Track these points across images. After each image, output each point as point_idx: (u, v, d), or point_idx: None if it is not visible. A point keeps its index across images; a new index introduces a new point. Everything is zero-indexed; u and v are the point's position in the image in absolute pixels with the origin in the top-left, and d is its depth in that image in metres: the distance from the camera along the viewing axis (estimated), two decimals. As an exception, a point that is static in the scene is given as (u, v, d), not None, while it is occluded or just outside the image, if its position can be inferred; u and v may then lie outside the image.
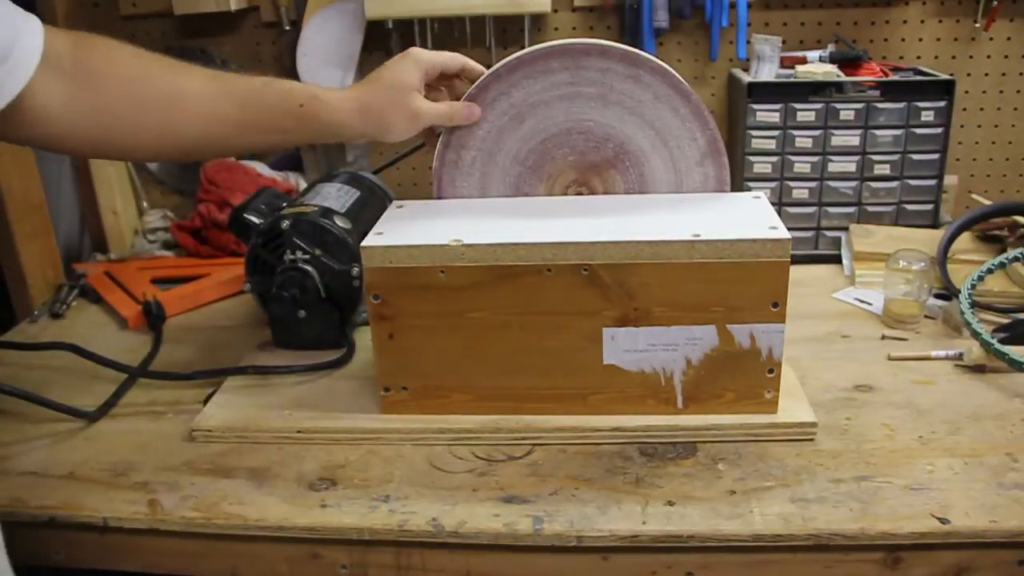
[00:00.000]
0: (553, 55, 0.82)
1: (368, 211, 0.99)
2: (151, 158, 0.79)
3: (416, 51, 0.81)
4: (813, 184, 1.18)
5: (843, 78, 1.15)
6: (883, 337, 0.98)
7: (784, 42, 1.19)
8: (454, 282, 0.77)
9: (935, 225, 1.19)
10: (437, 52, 0.82)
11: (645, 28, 1.26)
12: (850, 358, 0.93)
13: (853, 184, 1.18)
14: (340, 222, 0.96)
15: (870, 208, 1.19)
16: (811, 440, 0.78)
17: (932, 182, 1.17)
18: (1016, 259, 0.98)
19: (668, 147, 0.85)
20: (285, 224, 0.94)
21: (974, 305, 0.94)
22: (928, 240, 1.11)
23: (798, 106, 1.15)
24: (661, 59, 0.84)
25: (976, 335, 0.88)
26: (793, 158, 1.17)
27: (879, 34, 1.29)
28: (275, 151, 0.92)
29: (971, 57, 1.29)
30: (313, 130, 0.78)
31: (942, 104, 1.14)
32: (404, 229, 0.80)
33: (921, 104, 1.14)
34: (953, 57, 1.29)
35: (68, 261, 1.29)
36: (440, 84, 0.86)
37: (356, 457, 0.79)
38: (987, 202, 1.17)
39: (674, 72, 0.82)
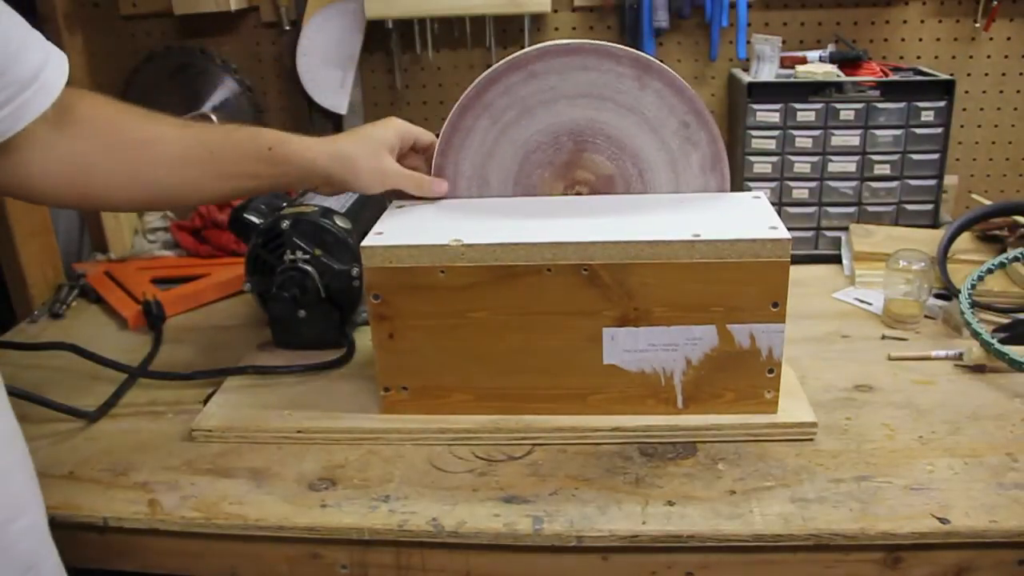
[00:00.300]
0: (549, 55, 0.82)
1: (368, 211, 0.99)
2: (124, 206, 0.81)
3: (396, 119, 0.85)
4: (813, 184, 1.18)
5: (843, 78, 1.15)
6: (883, 337, 0.98)
7: (784, 42, 1.20)
8: (454, 282, 0.77)
9: (935, 225, 1.19)
10: (414, 127, 0.86)
11: (645, 28, 1.26)
12: (850, 358, 0.93)
13: (853, 184, 1.18)
14: (340, 222, 0.96)
15: (870, 208, 1.19)
16: (811, 440, 0.78)
17: (932, 182, 1.17)
18: (1016, 259, 0.98)
19: (664, 144, 0.85)
20: (285, 224, 0.94)
21: (974, 305, 0.94)
22: (928, 240, 1.11)
23: (798, 106, 1.15)
24: (661, 59, 0.84)
25: (976, 335, 0.88)
26: (793, 158, 1.17)
27: (879, 34, 1.29)
28: (246, 196, 0.94)
29: (971, 57, 1.29)
30: (283, 173, 0.79)
31: (942, 104, 1.14)
32: (404, 229, 0.80)
33: (921, 104, 1.14)
34: (953, 57, 1.29)
35: (68, 261, 1.29)
36: (417, 154, 0.88)
37: (356, 457, 0.79)
38: (987, 202, 1.17)
39: (674, 72, 0.82)
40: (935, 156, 1.16)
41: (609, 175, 0.87)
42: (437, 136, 0.87)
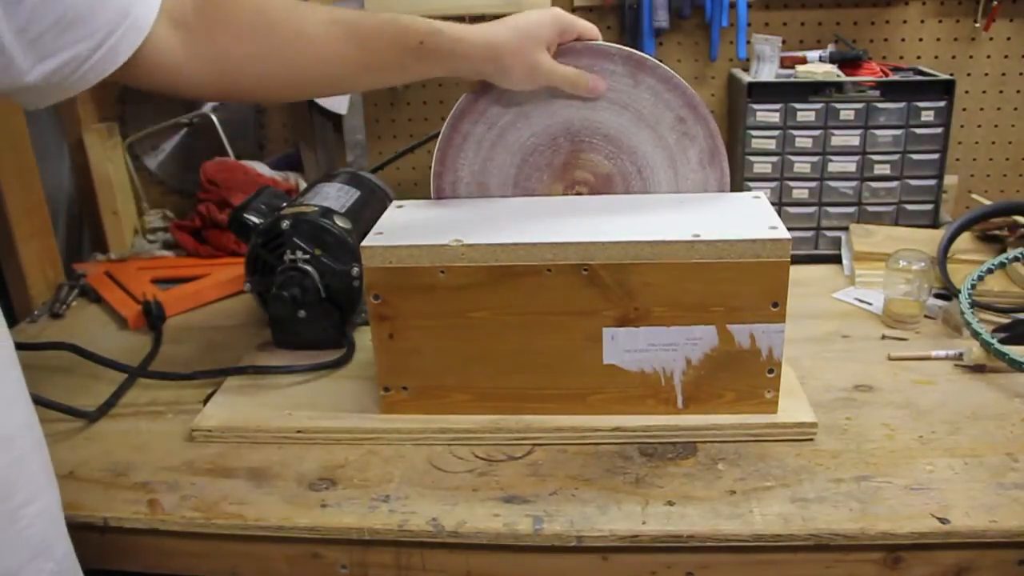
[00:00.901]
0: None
1: (368, 211, 0.99)
2: (274, 101, 0.80)
3: (558, 10, 0.80)
4: (813, 184, 1.18)
5: (843, 78, 1.15)
6: (883, 337, 0.98)
7: (784, 42, 1.20)
8: (454, 282, 0.77)
9: (935, 225, 1.19)
10: (578, 18, 0.82)
11: (645, 28, 1.26)
12: (850, 358, 0.93)
13: (853, 184, 1.18)
14: (340, 222, 0.96)
15: (870, 208, 1.19)
16: (811, 440, 0.78)
17: (932, 182, 1.17)
18: (1016, 259, 0.98)
19: (662, 139, 0.85)
20: (285, 224, 0.94)
21: (974, 305, 0.94)
22: (928, 240, 1.11)
23: (798, 106, 1.15)
24: (661, 59, 0.84)
25: (976, 335, 0.88)
26: (793, 158, 1.17)
27: (879, 34, 1.29)
28: (395, 85, 0.93)
29: (971, 57, 1.29)
30: (432, 65, 0.77)
31: (942, 104, 1.14)
32: (404, 229, 0.80)
33: (921, 104, 1.14)
34: (953, 57, 1.29)
35: (68, 261, 1.29)
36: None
37: (356, 457, 0.79)
38: (987, 202, 1.17)
39: (674, 73, 0.82)
40: (935, 156, 1.16)
41: (608, 174, 0.87)
42: None
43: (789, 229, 0.75)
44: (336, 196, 1.01)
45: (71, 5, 0.58)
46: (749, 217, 0.79)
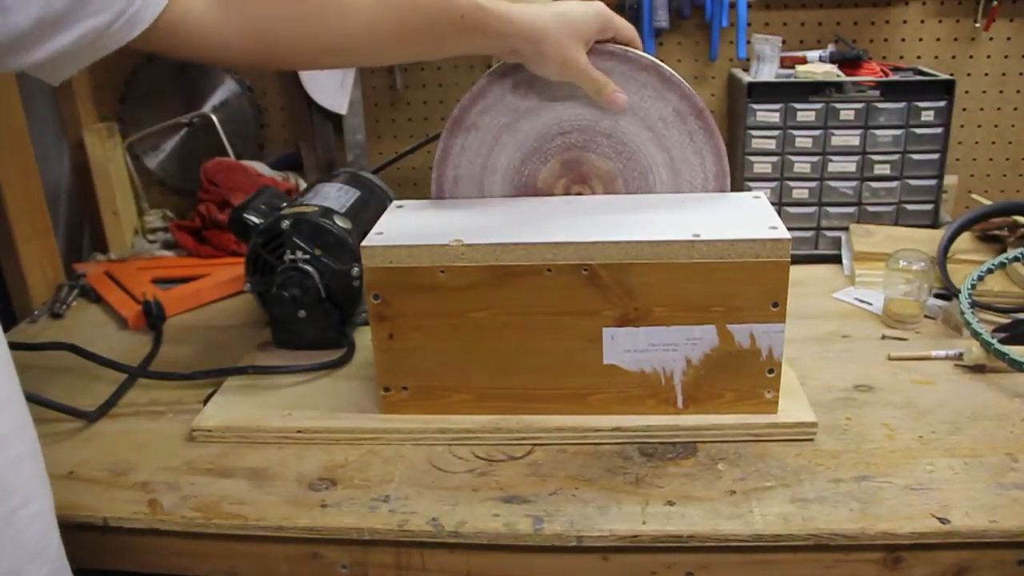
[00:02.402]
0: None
1: (368, 211, 0.99)
2: (307, 67, 0.78)
3: (601, 4, 0.79)
4: (813, 184, 1.18)
5: (843, 78, 1.15)
6: (883, 337, 0.98)
7: (784, 42, 1.20)
8: (454, 282, 0.77)
9: (935, 225, 1.19)
10: (618, 17, 0.81)
11: (645, 28, 1.26)
12: (850, 358, 0.93)
13: (853, 184, 1.18)
14: (340, 222, 0.95)
15: (870, 208, 1.19)
16: (811, 440, 0.78)
17: (932, 182, 1.17)
18: (1016, 259, 0.98)
19: (657, 134, 0.85)
20: (285, 224, 0.94)
21: (974, 305, 0.94)
22: (928, 240, 1.11)
23: (798, 106, 1.15)
24: (661, 59, 0.84)
25: (976, 335, 0.88)
26: (793, 158, 1.17)
27: (879, 34, 1.29)
28: (432, 58, 0.92)
29: (971, 57, 1.29)
30: (472, 40, 0.76)
31: (942, 104, 1.14)
32: (404, 229, 0.80)
33: (921, 104, 1.14)
34: (953, 57, 1.29)
35: (68, 261, 1.29)
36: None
37: (356, 457, 0.79)
38: (987, 202, 1.17)
39: (678, 75, 0.82)
40: (935, 156, 1.16)
41: (606, 172, 0.87)
42: None
43: (789, 229, 0.75)
44: (336, 196, 1.01)
45: None
46: (749, 217, 0.79)
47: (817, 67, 1.17)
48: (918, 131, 1.15)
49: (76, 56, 0.60)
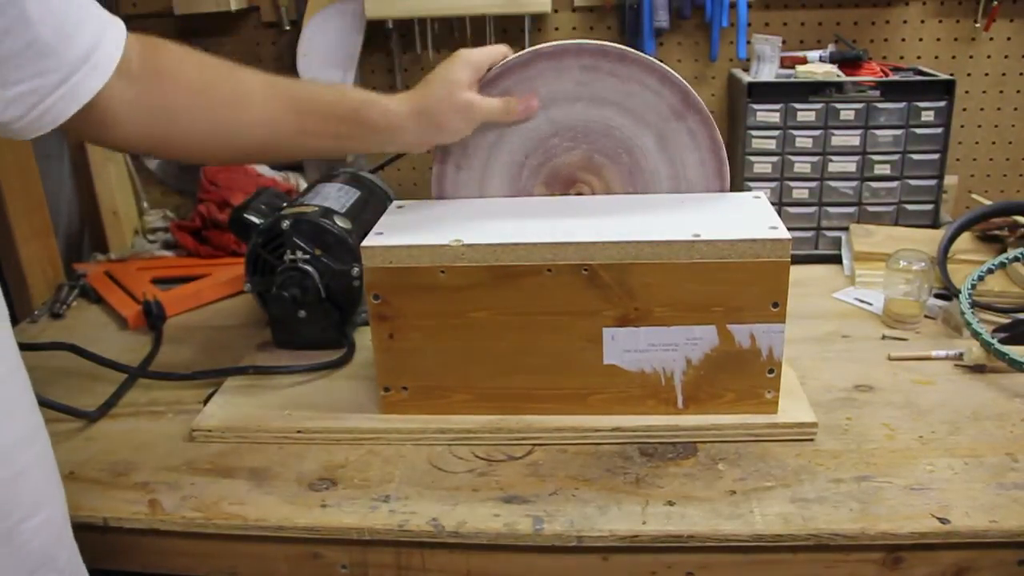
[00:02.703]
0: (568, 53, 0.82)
1: (368, 211, 0.99)
2: (207, 160, 0.80)
3: (464, 51, 0.81)
4: (813, 184, 1.18)
5: (843, 78, 1.15)
6: (883, 337, 0.98)
7: (784, 42, 1.19)
8: (454, 282, 0.77)
9: (935, 225, 1.19)
10: (482, 48, 0.82)
11: (645, 28, 1.26)
12: (850, 358, 0.93)
13: (853, 184, 1.18)
14: (340, 222, 0.95)
15: (870, 208, 1.19)
16: (811, 440, 0.78)
17: (932, 182, 1.17)
18: (1016, 259, 0.98)
19: (655, 130, 0.85)
20: (285, 224, 0.94)
21: (974, 305, 0.94)
22: (928, 240, 1.11)
23: (798, 106, 1.15)
24: (661, 59, 0.84)
25: (976, 335, 0.88)
26: (793, 158, 1.17)
27: (879, 34, 1.29)
28: (329, 156, 0.93)
29: (971, 57, 1.29)
30: (367, 136, 0.78)
31: (942, 104, 1.14)
32: (404, 229, 0.80)
33: (921, 104, 1.14)
34: (953, 57, 1.29)
35: (68, 261, 1.29)
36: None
37: (356, 457, 0.79)
38: (987, 202, 1.17)
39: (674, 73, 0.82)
40: (935, 156, 1.16)
41: (606, 169, 0.87)
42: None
43: (789, 229, 0.75)
44: (336, 196, 1.01)
45: (39, 35, 0.57)
46: (749, 217, 0.79)
47: (817, 67, 1.17)
48: (918, 131, 1.15)
49: (10, 124, 0.60)
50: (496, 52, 0.83)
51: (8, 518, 0.56)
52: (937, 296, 1.04)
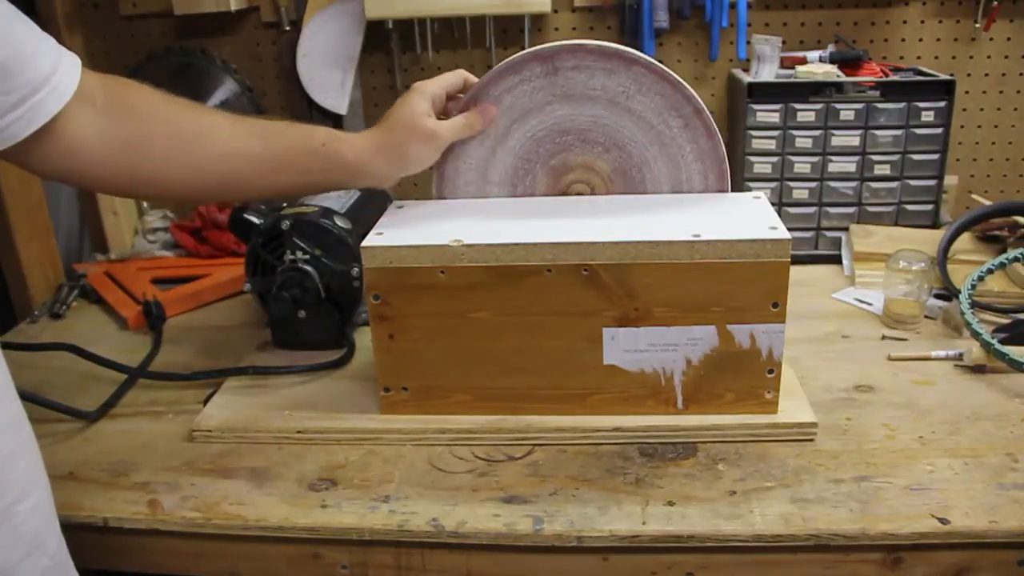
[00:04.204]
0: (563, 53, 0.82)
1: (368, 211, 0.99)
2: (175, 196, 0.81)
3: (418, 84, 0.82)
4: (813, 184, 1.18)
5: (843, 78, 1.15)
6: (883, 337, 0.98)
7: (784, 42, 1.20)
8: (454, 282, 0.77)
9: (935, 225, 1.19)
10: (439, 77, 0.84)
11: (645, 28, 1.26)
12: (850, 358, 0.93)
13: (853, 184, 1.18)
14: (340, 222, 0.96)
15: (870, 208, 1.19)
16: (811, 440, 0.78)
17: (932, 182, 1.17)
18: (1016, 259, 0.98)
19: (653, 127, 0.85)
20: (285, 224, 0.94)
21: (974, 305, 0.94)
22: (928, 240, 1.11)
23: (798, 106, 1.15)
24: (661, 60, 0.84)
25: (976, 335, 0.88)
26: (793, 158, 1.17)
27: (879, 34, 1.29)
28: (297, 195, 0.93)
29: (971, 57, 1.29)
30: (334, 171, 0.79)
31: (942, 104, 1.14)
32: (404, 229, 0.80)
33: (921, 104, 1.14)
34: (953, 57, 1.29)
35: (68, 261, 1.29)
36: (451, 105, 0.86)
37: (356, 457, 0.79)
38: (987, 202, 1.17)
39: (671, 71, 0.82)
40: (935, 156, 1.16)
41: (608, 173, 0.87)
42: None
43: (789, 229, 0.75)
44: (336, 196, 1.01)
45: None
46: (749, 217, 0.79)
47: (817, 67, 1.17)
48: (918, 131, 1.15)
49: None
50: (453, 79, 0.84)
51: (2, 499, 0.57)
52: (937, 296, 1.04)
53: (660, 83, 0.82)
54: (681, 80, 0.82)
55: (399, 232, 0.80)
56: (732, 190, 0.87)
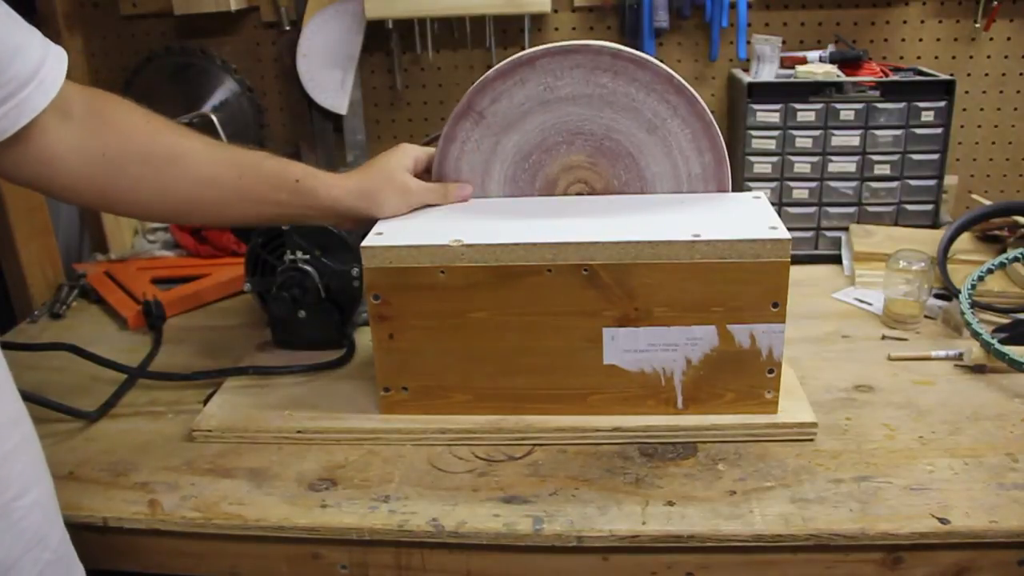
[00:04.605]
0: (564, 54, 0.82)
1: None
2: (146, 215, 0.81)
3: (406, 144, 0.86)
4: (813, 184, 1.18)
5: (843, 78, 1.15)
6: (883, 337, 0.98)
7: (784, 42, 1.20)
8: (454, 282, 0.77)
9: (935, 225, 1.19)
10: (426, 148, 0.87)
11: (645, 28, 1.26)
12: (850, 358, 0.93)
13: (853, 184, 1.18)
14: (340, 222, 0.96)
15: (870, 208, 1.19)
16: (811, 440, 0.78)
17: (932, 182, 1.17)
18: (1016, 259, 0.98)
19: (670, 153, 0.85)
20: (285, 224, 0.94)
21: (974, 305, 0.94)
22: (928, 240, 1.11)
23: (798, 106, 1.15)
24: (661, 59, 0.84)
25: (976, 335, 0.88)
26: (793, 158, 1.17)
27: (879, 34, 1.29)
28: (266, 224, 0.94)
29: (971, 57, 1.29)
30: (307, 206, 0.80)
31: (942, 104, 1.14)
32: (404, 229, 0.80)
33: (921, 104, 1.14)
34: (953, 57, 1.29)
35: (68, 261, 1.29)
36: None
37: (356, 457, 0.79)
38: (987, 202, 1.17)
39: (674, 74, 0.82)
40: (935, 156, 1.16)
41: (606, 170, 0.87)
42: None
43: (789, 229, 0.75)
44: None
45: None
46: (749, 217, 0.79)
47: (817, 67, 1.17)
48: (918, 131, 1.15)
49: None
50: (427, 150, 0.87)
51: (2, 495, 0.58)
52: (937, 296, 1.04)
53: (660, 82, 0.82)
54: (681, 80, 0.82)
55: (399, 232, 0.80)
56: (732, 190, 0.87)
